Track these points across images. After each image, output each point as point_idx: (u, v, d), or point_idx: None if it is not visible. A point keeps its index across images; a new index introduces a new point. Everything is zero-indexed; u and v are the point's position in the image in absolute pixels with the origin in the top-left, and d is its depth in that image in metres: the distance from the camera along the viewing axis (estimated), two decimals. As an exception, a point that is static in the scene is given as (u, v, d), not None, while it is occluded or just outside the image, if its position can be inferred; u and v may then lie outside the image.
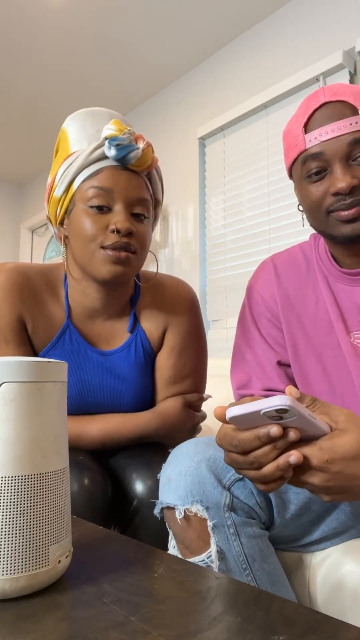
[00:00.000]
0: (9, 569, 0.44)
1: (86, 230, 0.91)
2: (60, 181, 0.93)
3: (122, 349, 1.03)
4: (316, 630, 0.39)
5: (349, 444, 0.55)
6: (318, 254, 0.91)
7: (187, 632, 0.39)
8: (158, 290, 1.07)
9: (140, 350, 1.04)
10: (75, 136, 0.96)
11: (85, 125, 0.96)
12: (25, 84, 2.86)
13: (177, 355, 1.05)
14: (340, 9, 2.04)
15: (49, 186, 0.96)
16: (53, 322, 1.00)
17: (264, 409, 0.51)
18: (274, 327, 0.93)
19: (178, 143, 2.78)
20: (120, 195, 0.91)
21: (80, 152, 0.92)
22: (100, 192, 0.90)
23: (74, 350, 1.01)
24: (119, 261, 0.91)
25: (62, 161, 0.95)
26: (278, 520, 0.77)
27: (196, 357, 1.08)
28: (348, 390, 0.83)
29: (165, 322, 1.05)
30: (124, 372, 1.02)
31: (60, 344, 1.00)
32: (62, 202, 0.95)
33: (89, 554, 0.55)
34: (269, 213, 2.26)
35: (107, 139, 0.90)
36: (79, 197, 0.92)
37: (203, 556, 0.70)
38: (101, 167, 0.91)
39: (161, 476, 0.76)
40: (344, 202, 0.76)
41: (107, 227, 0.91)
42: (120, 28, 2.41)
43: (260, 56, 2.36)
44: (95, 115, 0.98)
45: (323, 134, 0.77)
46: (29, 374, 0.47)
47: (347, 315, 0.84)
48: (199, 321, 1.10)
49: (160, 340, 1.06)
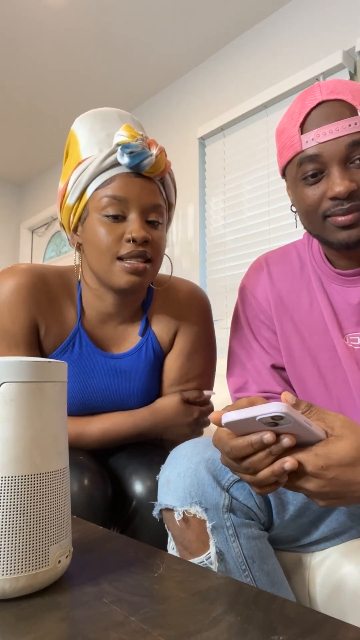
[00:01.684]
0: (9, 569, 0.44)
1: (101, 240, 0.90)
2: (72, 189, 0.92)
3: (133, 352, 1.02)
4: (316, 630, 0.39)
5: (344, 450, 0.55)
6: (312, 253, 0.89)
7: (187, 632, 0.39)
8: (171, 293, 1.06)
9: (151, 353, 1.03)
10: (85, 140, 0.95)
11: (95, 128, 0.95)
12: (25, 84, 2.86)
13: (184, 359, 1.05)
14: (340, 9, 2.04)
15: (61, 193, 0.95)
16: (65, 326, 1.00)
17: (260, 415, 0.51)
18: (267, 329, 0.91)
19: (178, 143, 2.78)
20: (134, 203, 0.90)
21: (92, 159, 0.91)
22: (114, 201, 0.89)
23: (83, 355, 1.00)
24: (137, 272, 0.90)
25: (74, 167, 0.94)
26: (277, 521, 0.77)
27: (204, 362, 1.07)
28: (344, 393, 0.83)
29: (177, 325, 1.05)
30: (132, 374, 1.02)
31: (69, 348, 0.99)
32: (75, 209, 0.94)
33: (89, 554, 0.55)
34: (269, 213, 2.26)
35: (120, 146, 0.89)
36: (93, 205, 0.91)
37: (202, 557, 0.70)
38: (114, 174, 0.90)
39: (160, 477, 0.76)
40: (342, 207, 0.73)
41: (122, 236, 0.90)
42: (120, 28, 2.41)
43: (260, 56, 2.36)
44: (104, 117, 0.97)
45: (321, 135, 0.73)
46: (29, 374, 0.47)
47: (341, 317, 0.83)
48: (210, 327, 1.09)
49: (170, 343, 1.05)
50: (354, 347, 0.81)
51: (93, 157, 0.91)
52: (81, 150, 0.95)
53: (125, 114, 0.99)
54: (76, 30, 2.43)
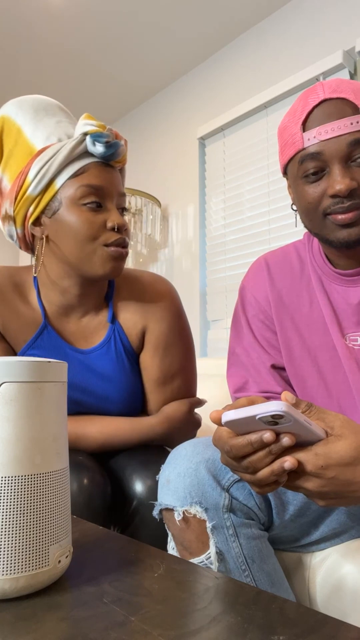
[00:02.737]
0: (9, 569, 0.44)
1: (82, 229, 0.90)
2: (37, 179, 0.89)
3: (101, 347, 1.01)
4: (316, 630, 0.39)
5: (344, 449, 0.55)
6: (312, 253, 0.89)
7: (187, 632, 0.39)
8: (135, 285, 1.04)
9: (120, 348, 1.01)
10: (30, 129, 0.93)
11: (39, 116, 0.94)
12: (25, 84, 2.86)
13: (161, 354, 1.02)
14: (340, 9, 2.04)
15: (17, 184, 0.91)
16: (25, 321, 0.99)
17: (260, 414, 0.51)
18: (267, 329, 0.91)
19: (178, 143, 2.78)
20: (109, 192, 0.92)
21: (56, 147, 0.89)
22: (92, 190, 0.90)
23: (53, 349, 1.00)
24: (121, 258, 0.92)
25: (30, 157, 0.91)
26: (277, 521, 0.77)
27: (182, 354, 1.05)
28: (344, 393, 0.83)
29: (144, 319, 1.02)
30: (106, 371, 1.01)
31: (38, 343, 0.99)
32: (38, 201, 0.92)
33: (89, 554, 0.55)
34: (269, 213, 2.26)
35: (90, 135, 0.89)
36: (67, 195, 0.90)
37: (202, 557, 0.70)
38: (85, 163, 0.91)
39: (160, 477, 0.75)
40: (342, 205, 0.73)
41: (103, 224, 0.91)
42: (120, 28, 2.41)
43: (260, 56, 2.36)
44: (41, 104, 0.96)
45: (322, 133, 0.73)
46: (29, 374, 0.47)
47: (341, 317, 0.83)
48: (181, 316, 1.06)
49: (139, 338, 1.03)
50: (353, 347, 0.81)
51: (56, 146, 0.90)
52: (29, 138, 0.93)
53: (55, 102, 0.99)
54: (76, 30, 2.43)
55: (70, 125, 0.96)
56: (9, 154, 0.95)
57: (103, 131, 0.90)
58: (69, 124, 0.96)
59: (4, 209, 0.96)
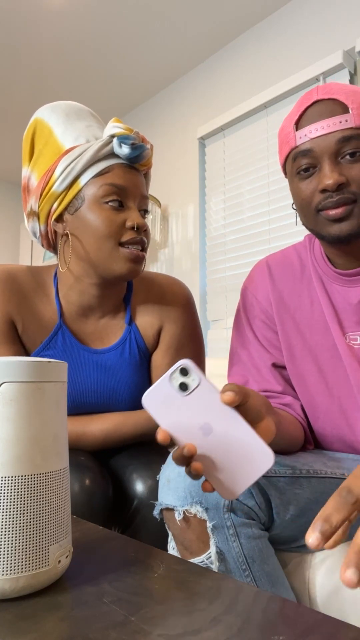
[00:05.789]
0: (9, 569, 0.44)
1: (103, 227, 0.91)
2: (63, 176, 0.92)
3: (116, 347, 1.02)
4: (316, 630, 0.39)
5: None
6: (313, 254, 0.91)
7: (187, 632, 0.39)
8: (152, 288, 1.07)
9: (135, 348, 1.03)
10: (61, 130, 0.95)
11: (70, 119, 0.96)
12: (25, 84, 2.86)
13: (173, 354, 1.04)
14: (340, 9, 2.04)
15: (44, 180, 0.94)
16: (44, 322, 0.99)
17: (169, 373, 0.55)
18: (268, 329, 0.92)
19: (178, 143, 2.78)
20: (132, 193, 0.93)
21: (83, 147, 0.92)
22: (115, 189, 0.91)
23: (67, 350, 1.00)
24: (137, 260, 0.93)
25: (58, 155, 0.94)
26: (278, 521, 0.77)
27: (192, 356, 1.07)
28: (345, 392, 0.83)
29: (160, 320, 1.04)
30: (118, 371, 1.02)
31: (52, 344, 0.99)
32: (62, 197, 0.93)
33: (89, 554, 0.55)
34: (269, 213, 2.26)
35: (117, 137, 0.91)
36: (90, 193, 0.92)
37: (202, 557, 0.70)
38: (110, 164, 0.92)
39: (160, 477, 0.75)
40: (331, 200, 0.76)
41: (123, 223, 0.92)
42: (120, 28, 2.41)
43: (260, 56, 2.36)
44: (74, 109, 0.98)
45: (313, 131, 0.78)
46: (29, 374, 0.47)
47: (342, 316, 0.84)
48: (195, 320, 1.09)
49: (154, 338, 1.05)
50: (354, 346, 0.82)
51: (84, 146, 0.92)
52: (59, 139, 0.95)
53: (87, 108, 1.02)
54: (76, 31, 2.43)
55: (100, 129, 0.98)
56: (38, 154, 0.97)
57: (130, 134, 0.91)
58: (98, 128, 0.99)
59: (29, 205, 0.98)
